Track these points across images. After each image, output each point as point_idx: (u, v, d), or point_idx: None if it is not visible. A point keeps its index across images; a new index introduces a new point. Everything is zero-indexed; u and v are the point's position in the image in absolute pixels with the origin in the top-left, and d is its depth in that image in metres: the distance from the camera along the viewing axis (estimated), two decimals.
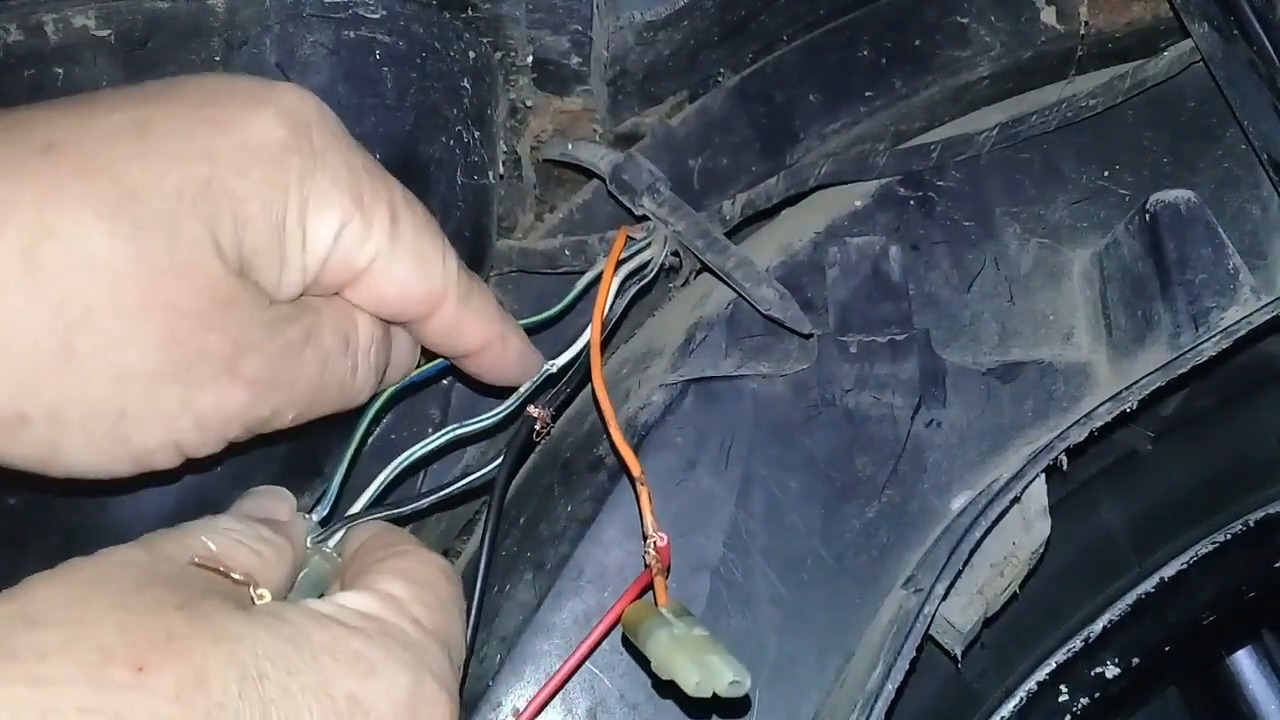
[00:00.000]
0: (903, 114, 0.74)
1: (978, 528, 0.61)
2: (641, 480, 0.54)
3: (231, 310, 0.44)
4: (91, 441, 0.43)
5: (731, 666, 0.46)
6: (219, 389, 0.44)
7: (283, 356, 0.47)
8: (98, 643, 0.36)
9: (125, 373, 0.42)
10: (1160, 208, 0.67)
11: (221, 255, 0.44)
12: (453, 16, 0.64)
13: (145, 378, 0.42)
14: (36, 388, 0.41)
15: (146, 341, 0.42)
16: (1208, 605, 0.80)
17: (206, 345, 0.43)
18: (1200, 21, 0.67)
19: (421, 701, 0.43)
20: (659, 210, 0.66)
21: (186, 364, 0.43)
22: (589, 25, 0.65)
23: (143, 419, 0.43)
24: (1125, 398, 0.63)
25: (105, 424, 0.42)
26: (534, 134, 0.72)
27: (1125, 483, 0.81)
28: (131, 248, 0.41)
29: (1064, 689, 0.75)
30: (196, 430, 0.45)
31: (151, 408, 0.43)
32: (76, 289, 0.40)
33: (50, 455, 0.43)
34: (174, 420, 0.44)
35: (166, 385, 0.43)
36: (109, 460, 0.44)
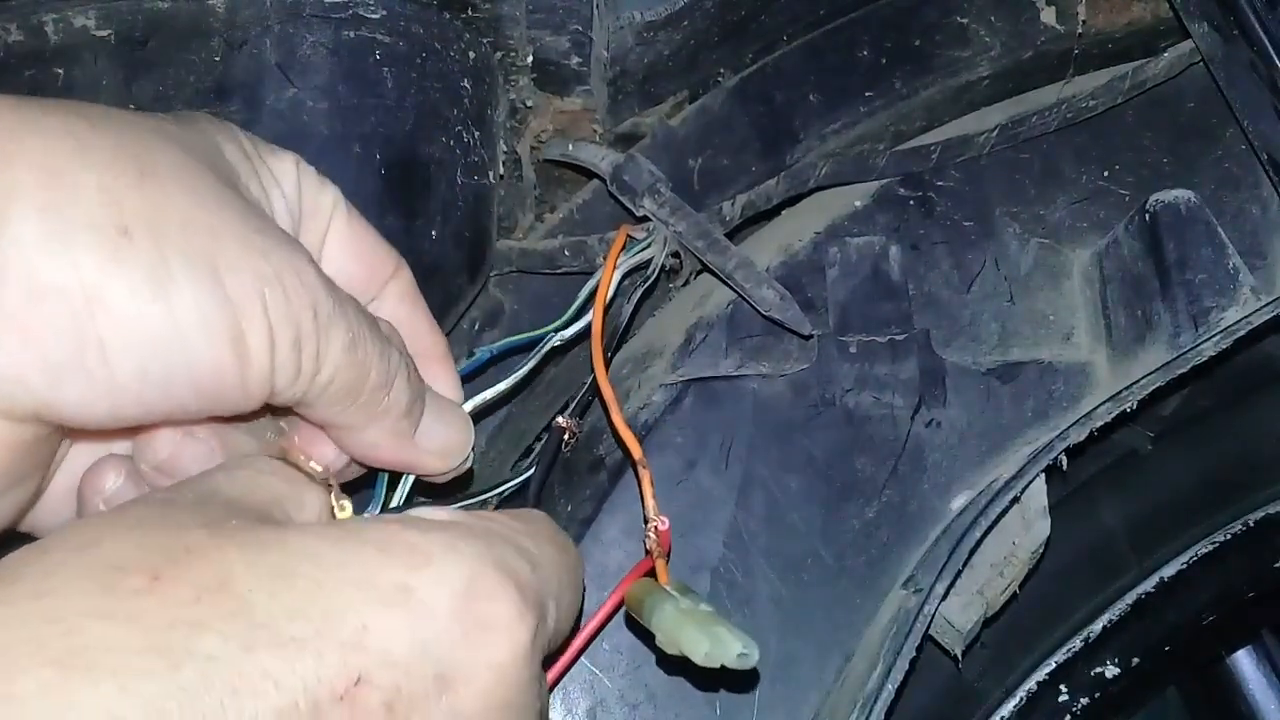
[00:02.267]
0: (903, 114, 0.74)
1: (977, 528, 0.61)
2: (643, 464, 0.54)
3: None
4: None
5: (739, 638, 0.46)
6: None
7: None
8: (110, 559, 0.33)
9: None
10: (1160, 208, 0.68)
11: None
12: (453, 17, 0.64)
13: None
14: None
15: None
16: (1207, 605, 0.80)
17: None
18: (1200, 22, 0.67)
19: (481, 594, 0.37)
20: (659, 211, 0.66)
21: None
22: (589, 25, 0.65)
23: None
24: (1125, 398, 0.64)
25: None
26: (534, 134, 0.72)
27: (1125, 483, 0.81)
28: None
29: (1064, 689, 0.75)
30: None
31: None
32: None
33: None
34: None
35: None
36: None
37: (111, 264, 0.37)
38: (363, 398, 0.45)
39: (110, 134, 0.40)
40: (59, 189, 0.37)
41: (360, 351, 0.44)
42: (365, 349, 0.44)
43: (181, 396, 0.40)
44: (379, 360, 0.45)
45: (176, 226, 0.39)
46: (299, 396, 0.43)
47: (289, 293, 0.41)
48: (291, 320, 0.41)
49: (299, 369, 0.42)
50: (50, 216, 0.37)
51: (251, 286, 0.40)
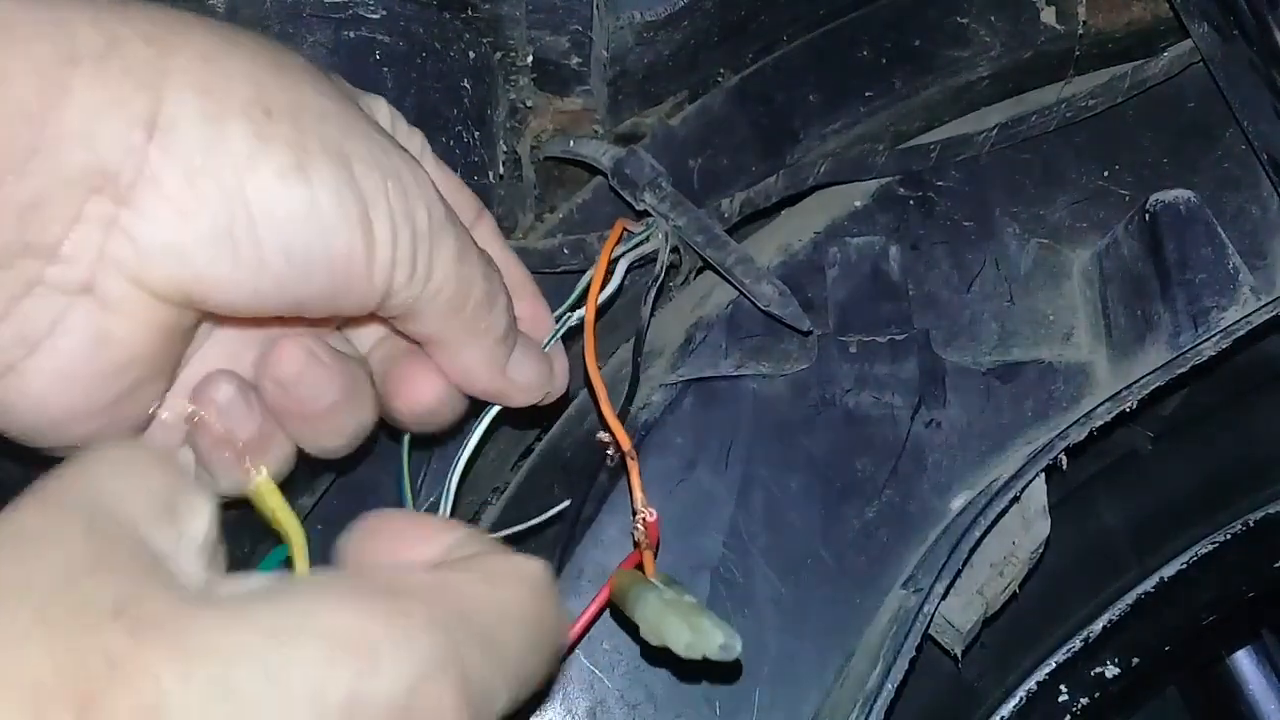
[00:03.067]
0: (902, 114, 0.74)
1: (977, 527, 0.61)
2: (632, 455, 0.54)
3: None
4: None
5: (722, 629, 0.46)
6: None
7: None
8: (29, 679, 0.27)
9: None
10: (1160, 208, 0.68)
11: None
12: (453, 17, 0.64)
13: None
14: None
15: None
16: (1208, 605, 0.81)
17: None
18: (1200, 22, 0.67)
19: (422, 707, 0.31)
20: (660, 205, 0.66)
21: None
22: (589, 25, 0.65)
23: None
24: (1125, 397, 0.64)
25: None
26: (534, 134, 0.72)
27: (1125, 483, 0.81)
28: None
29: (1064, 689, 0.75)
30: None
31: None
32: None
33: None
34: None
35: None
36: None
37: (259, 142, 0.39)
38: (466, 312, 0.47)
39: (247, 35, 0.42)
40: (212, 73, 0.39)
41: (467, 264, 0.46)
42: (471, 262, 0.47)
43: (317, 281, 0.42)
44: (483, 278, 0.47)
45: (312, 113, 0.41)
46: (411, 301, 0.45)
47: (408, 190, 0.43)
48: (409, 217, 0.43)
49: (414, 267, 0.44)
50: (205, 97, 0.39)
51: (378, 178, 0.42)
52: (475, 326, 0.48)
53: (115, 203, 0.39)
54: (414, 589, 0.34)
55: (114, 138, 0.38)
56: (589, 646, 0.62)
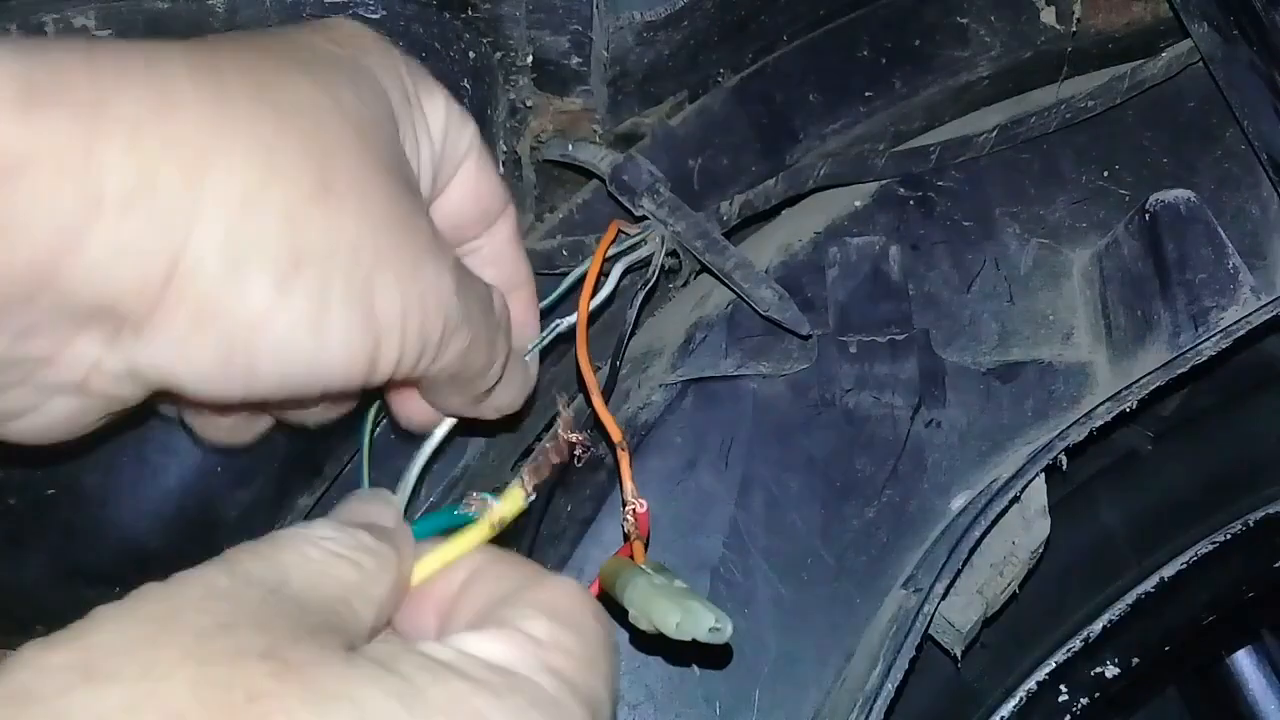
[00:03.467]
0: (903, 114, 0.74)
1: (977, 527, 0.61)
2: (622, 446, 0.54)
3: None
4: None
5: (712, 611, 0.46)
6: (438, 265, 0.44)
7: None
8: (167, 707, 0.30)
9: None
10: (1160, 208, 0.68)
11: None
12: (452, 17, 0.64)
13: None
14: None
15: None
16: (1207, 605, 0.81)
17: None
18: (1200, 22, 0.68)
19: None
20: (658, 211, 0.66)
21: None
22: (589, 25, 0.65)
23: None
24: (1125, 397, 0.64)
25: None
26: (534, 134, 0.72)
27: (1125, 483, 0.81)
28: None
29: (1064, 689, 0.75)
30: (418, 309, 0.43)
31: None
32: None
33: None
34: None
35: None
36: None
37: (279, 295, 0.39)
38: (460, 382, 0.49)
39: (292, 136, 0.40)
40: (245, 212, 0.38)
41: (473, 352, 0.47)
42: (478, 348, 0.47)
43: (310, 393, 0.42)
44: (485, 354, 0.48)
45: (345, 251, 0.40)
46: (412, 378, 0.46)
47: (428, 314, 0.43)
48: (423, 335, 0.43)
49: (417, 365, 0.45)
50: (233, 241, 0.38)
51: (397, 306, 0.42)
52: (463, 386, 0.50)
53: (122, 330, 0.38)
54: (514, 669, 0.36)
55: (128, 281, 0.37)
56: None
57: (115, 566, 0.65)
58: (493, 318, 0.49)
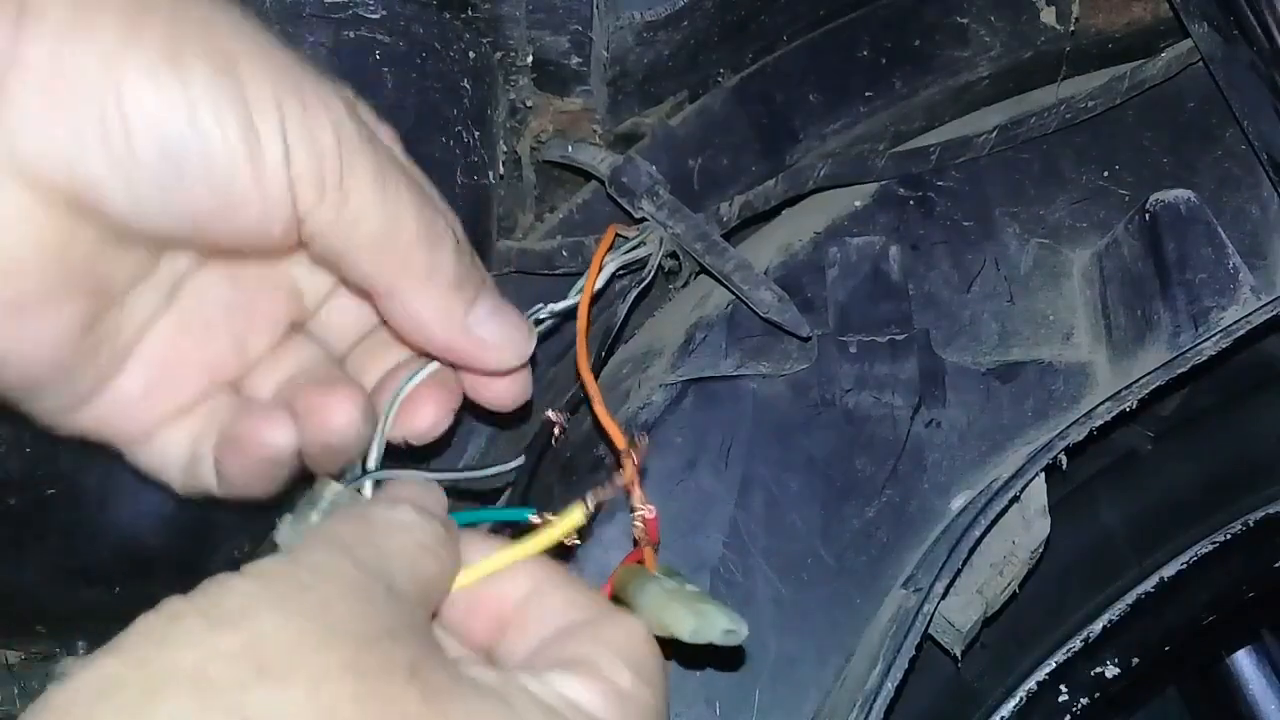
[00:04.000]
0: (902, 114, 0.75)
1: (977, 527, 0.61)
2: (628, 453, 0.54)
3: None
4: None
5: (726, 614, 0.46)
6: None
7: None
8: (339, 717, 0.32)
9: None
10: (1160, 208, 0.68)
11: None
12: (453, 17, 0.65)
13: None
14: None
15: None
16: (1207, 605, 0.81)
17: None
18: (1200, 22, 0.68)
19: None
20: (658, 213, 0.66)
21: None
22: (589, 25, 0.65)
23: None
24: (1125, 397, 0.64)
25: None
26: (534, 134, 0.72)
27: (1125, 482, 0.81)
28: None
29: (1064, 689, 0.75)
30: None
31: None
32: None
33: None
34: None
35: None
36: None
37: (131, 41, 0.38)
38: (400, 249, 0.43)
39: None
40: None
41: (391, 190, 0.42)
42: (398, 191, 0.43)
43: (198, 187, 0.39)
44: (416, 210, 0.43)
45: (195, 15, 0.39)
46: (329, 230, 0.42)
47: (308, 107, 0.40)
48: (309, 134, 0.40)
49: (322, 186, 0.41)
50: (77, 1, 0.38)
51: (269, 91, 0.40)
52: (414, 267, 0.44)
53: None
54: (608, 711, 0.39)
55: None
56: None
57: (115, 566, 0.65)
58: (422, 187, 0.45)
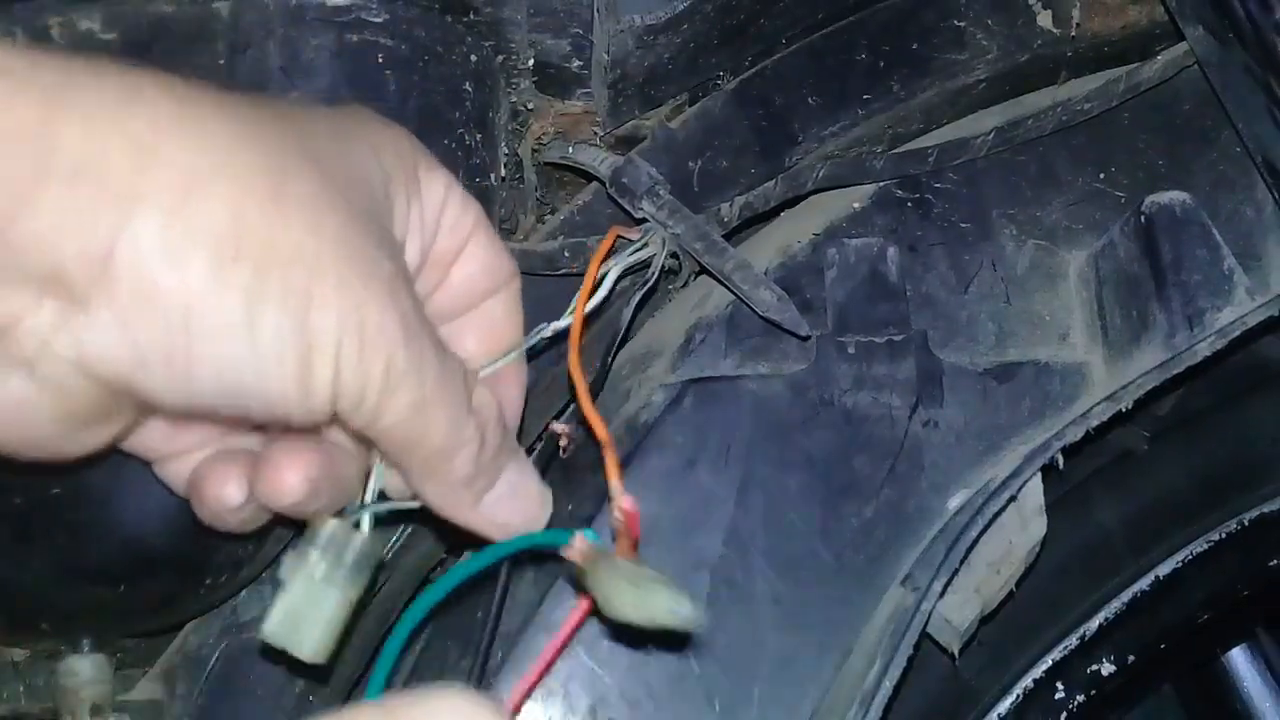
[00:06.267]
0: (900, 116, 0.75)
1: (974, 526, 0.61)
2: (609, 445, 0.54)
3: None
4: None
5: (674, 595, 0.46)
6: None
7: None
8: None
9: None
10: (1155, 210, 0.68)
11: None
12: (454, 20, 0.65)
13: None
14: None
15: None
16: (1203, 603, 0.81)
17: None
18: (1195, 25, 0.68)
19: None
20: (658, 214, 0.66)
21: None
22: (589, 29, 0.66)
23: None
24: (1121, 397, 0.64)
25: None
26: (535, 136, 0.72)
27: (1121, 482, 0.81)
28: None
29: (1060, 686, 0.75)
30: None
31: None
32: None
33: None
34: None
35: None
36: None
37: (216, 283, 0.40)
38: (418, 456, 0.47)
39: (252, 151, 0.41)
40: (187, 200, 0.39)
41: (427, 416, 0.45)
42: (434, 415, 0.46)
43: (250, 405, 0.43)
44: (447, 427, 0.46)
45: (285, 256, 0.41)
46: (363, 429, 0.45)
47: (366, 341, 0.43)
48: (361, 367, 0.43)
49: (359, 408, 0.44)
50: (172, 226, 0.39)
51: (333, 326, 0.42)
52: (430, 470, 0.48)
53: (69, 304, 0.40)
54: None
55: (74, 251, 0.39)
56: (590, 644, 0.62)
57: (119, 565, 0.65)
58: (459, 390, 0.47)
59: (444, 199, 0.50)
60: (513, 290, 0.55)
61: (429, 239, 0.49)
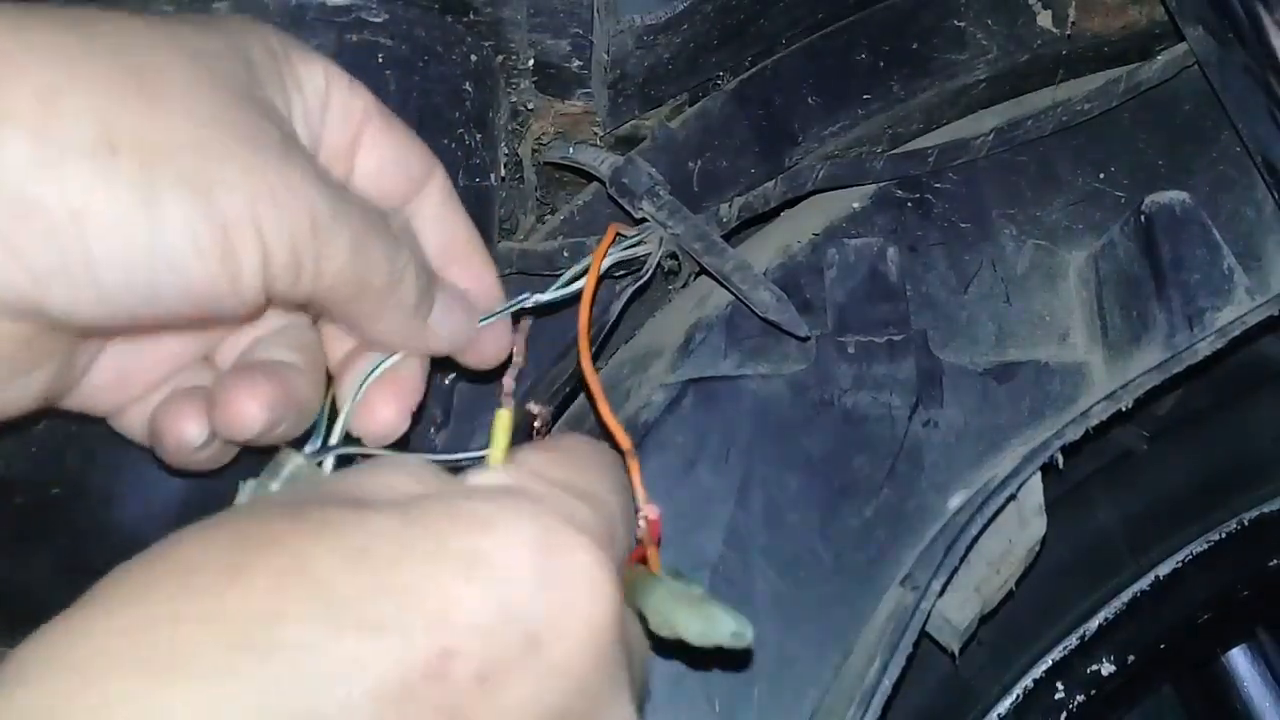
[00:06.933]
0: (900, 117, 0.75)
1: (974, 525, 0.62)
2: (632, 454, 0.54)
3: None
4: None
5: (733, 617, 0.46)
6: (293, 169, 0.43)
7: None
8: (189, 562, 0.33)
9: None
10: (1155, 209, 0.68)
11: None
12: (454, 20, 0.65)
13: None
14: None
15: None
16: (1202, 603, 0.81)
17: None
18: (1195, 25, 0.68)
19: (556, 547, 0.37)
20: (658, 214, 0.67)
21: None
22: (589, 29, 0.66)
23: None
24: (1120, 397, 0.64)
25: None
26: (535, 136, 0.72)
27: (1121, 482, 0.81)
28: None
29: (1060, 686, 0.76)
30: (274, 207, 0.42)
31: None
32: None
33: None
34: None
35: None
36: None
37: (98, 182, 0.38)
38: (368, 297, 0.46)
39: (108, 50, 0.40)
40: (50, 111, 0.38)
41: (364, 255, 0.45)
42: (370, 252, 0.45)
43: (172, 305, 0.41)
44: (384, 262, 0.46)
45: (168, 146, 0.40)
46: (303, 299, 0.44)
47: (281, 203, 0.41)
48: (286, 230, 0.42)
49: (298, 274, 0.43)
50: (40, 138, 0.38)
51: (242, 202, 0.40)
52: (380, 307, 0.47)
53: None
54: (507, 485, 0.41)
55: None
56: None
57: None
58: (382, 222, 0.46)
59: (325, 86, 0.48)
60: (438, 182, 0.53)
61: (316, 127, 0.48)
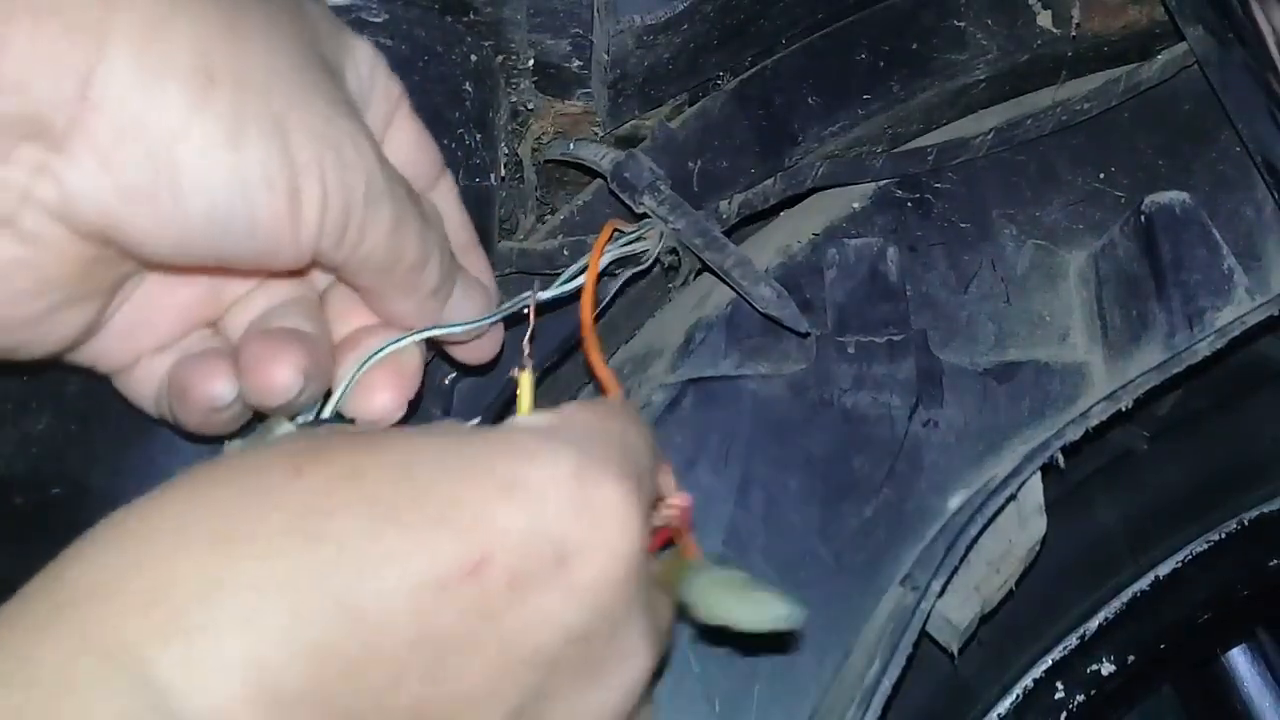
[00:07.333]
0: (900, 116, 0.75)
1: (974, 525, 0.62)
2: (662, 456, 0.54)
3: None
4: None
5: (784, 600, 0.46)
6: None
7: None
8: (259, 461, 0.38)
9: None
10: (1155, 209, 0.68)
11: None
12: (454, 20, 0.65)
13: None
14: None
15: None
16: (1203, 603, 0.81)
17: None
18: (1195, 25, 0.68)
19: (590, 480, 0.40)
20: (659, 209, 0.67)
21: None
22: (589, 29, 0.66)
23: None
24: (1120, 397, 0.64)
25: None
26: (535, 136, 0.72)
27: (1121, 482, 0.81)
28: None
29: (1060, 686, 0.76)
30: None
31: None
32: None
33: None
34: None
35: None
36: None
37: (196, 108, 0.40)
38: (397, 274, 0.48)
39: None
40: (155, 34, 0.40)
41: (401, 233, 0.47)
42: (407, 231, 0.47)
43: (242, 242, 0.43)
44: (418, 241, 0.48)
45: (256, 83, 0.42)
46: (340, 262, 0.46)
47: (346, 161, 0.44)
48: (344, 187, 0.44)
49: (344, 234, 0.45)
50: (144, 59, 0.39)
51: (312, 150, 0.42)
52: (406, 284, 0.49)
53: (46, 149, 0.39)
54: (550, 424, 0.43)
55: (48, 90, 0.38)
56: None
57: None
58: (421, 207, 0.49)
59: (373, 60, 0.50)
60: (449, 181, 0.56)
61: (365, 98, 0.50)
